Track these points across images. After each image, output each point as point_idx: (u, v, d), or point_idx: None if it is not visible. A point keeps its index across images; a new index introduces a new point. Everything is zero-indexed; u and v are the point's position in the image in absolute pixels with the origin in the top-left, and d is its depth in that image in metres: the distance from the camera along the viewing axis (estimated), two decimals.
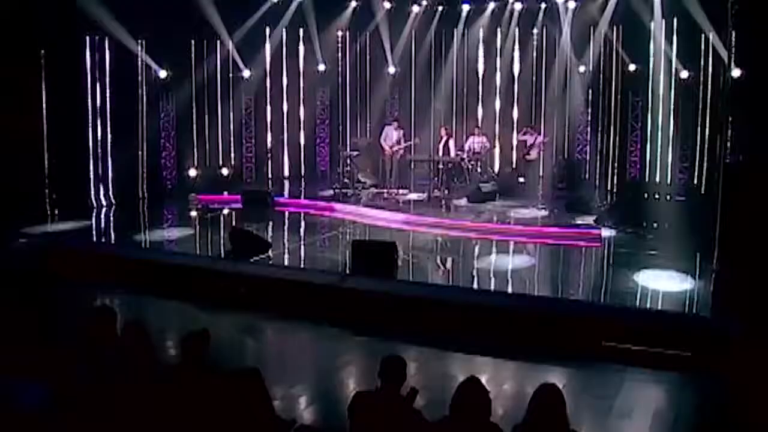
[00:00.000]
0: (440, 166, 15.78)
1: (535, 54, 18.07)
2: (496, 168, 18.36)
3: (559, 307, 9.07)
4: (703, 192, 13.81)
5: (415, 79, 19.30)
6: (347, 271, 10.34)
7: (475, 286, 10.30)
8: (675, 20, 14.39)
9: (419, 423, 4.38)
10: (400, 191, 16.26)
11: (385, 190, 16.36)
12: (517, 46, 18.20)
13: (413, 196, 16.12)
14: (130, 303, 9.95)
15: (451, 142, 16.52)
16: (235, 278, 10.25)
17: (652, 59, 15.25)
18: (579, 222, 13.52)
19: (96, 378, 5.11)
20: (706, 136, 13.91)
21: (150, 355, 5.20)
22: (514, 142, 18.32)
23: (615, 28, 16.09)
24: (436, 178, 16.04)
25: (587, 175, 17.24)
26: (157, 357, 5.33)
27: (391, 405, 4.45)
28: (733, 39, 9.91)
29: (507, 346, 8.32)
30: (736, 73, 10.85)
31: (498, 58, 18.40)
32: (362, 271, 9.97)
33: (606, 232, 12.80)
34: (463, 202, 15.35)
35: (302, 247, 12.70)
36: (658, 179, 15.33)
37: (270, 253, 11.36)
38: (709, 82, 13.76)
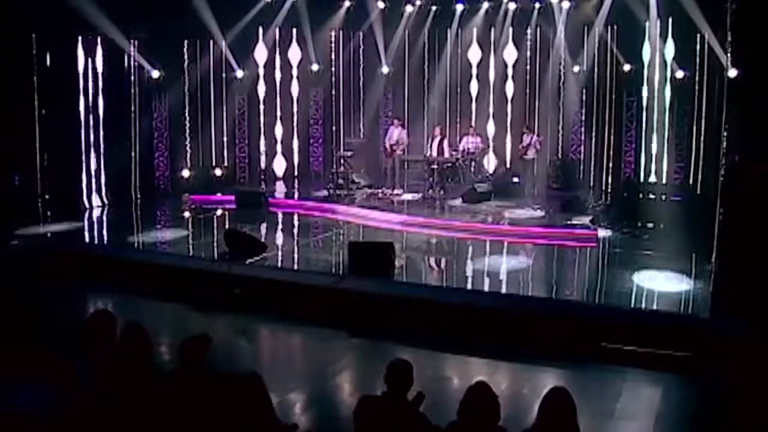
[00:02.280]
0: (435, 166, 15.72)
1: (529, 54, 18.06)
2: (491, 168, 18.34)
3: (557, 308, 9.03)
4: (699, 192, 13.79)
5: (408, 79, 19.28)
6: (344, 272, 10.26)
7: (472, 286, 10.25)
8: (670, 20, 14.38)
9: (426, 428, 4.31)
10: (395, 191, 16.21)
11: (380, 191, 16.31)
12: (511, 46, 18.18)
13: (408, 196, 16.07)
14: (124, 304, 9.82)
15: (446, 142, 16.47)
16: (231, 279, 10.16)
17: (647, 59, 15.24)
18: (575, 222, 13.48)
19: (95, 381, 5.03)
20: (702, 136, 13.90)
21: (150, 359, 5.12)
22: (508, 142, 18.31)
23: (610, 28, 16.08)
24: (430, 179, 15.98)
25: (581, 175, 17.22)
26: (156, 360, 5.24)
27: (397, 410, 4.38)
28: (731, 39, 9.88)
29: (505, 348, 8.28)
30: (732, 73, 10.85)
31: (492, 58, 18.38)
32: (359, 272, 9.89)
33: (602, 233, 12.77)
34: (458, 202, 15.29)
35: (297, 248, 12.60)
36: (653, 179, 15.32)
37: (265, 254, 11.27)
38: (705, 82, 13.75)
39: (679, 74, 14.44)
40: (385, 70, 18.86)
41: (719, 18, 11.67)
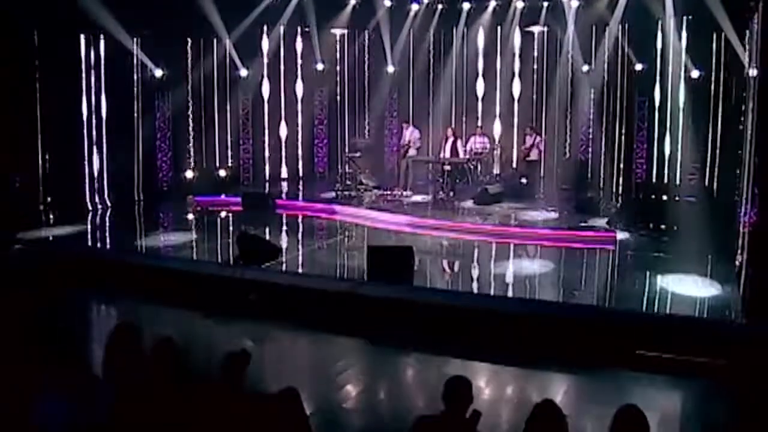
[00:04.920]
0: (447, 167, 15.44)
1: (536, 54, 17.77)
2: (497, 169, 18.02)
3: (587, 314, 8.74)
4: (715, 192, 13.58)
5: (414, 78, 18.98)
6: (362, 277, 9.94)
7: (494, 291, 9.97)
8: (685, 18, 14.15)
9: None
10: (404, 193, 15.90)
11: (389, 192, 16.00)
12: (518, 45, 17.91)
13: (417, 198, 15.77)
14: (132, 311, 9.51)
15: (459, 143, 16.19)
16: (245, 285, 9.84)
17: (659, 58, 15.01)
18: (592, 224, 13.20)
19: (119, 399, 4.74)
20: (718, 136, 13.68)
21: (184, 376, 4.82)
22: (515, 143, 18.03)
23: (621, 27, 15.82)
24: (440, 180, 15.72)
25: (591, 176, 16.93)
26: (190, 377, 4.93)
27: (455, 429, 4.09)
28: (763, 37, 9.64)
29: (534, 356, 8.00)
30: (753, 72, 10.64)
31: (499, 57, 18.11)
32: (378, 277, 9.57)
33: (620, 235, 12.49)
34: (470, 203, 14.99)
35: (310, 251, 12.25)
36: (666, 180, 15.09)
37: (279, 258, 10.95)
38: (721, 82, 13.54)
39: (695, 74, 14.21)
40: (390, 69, 18.56)
41: (741, 16, 11.48)
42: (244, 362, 4.68)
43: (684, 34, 14.33)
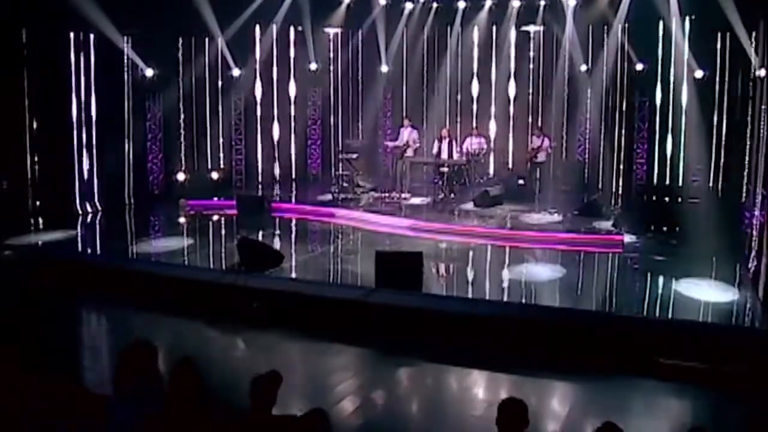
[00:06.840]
0: (444, 169, 15.14)
1: (532, 53, 17.53)
2: (492, 170, 17.76)
3: (607, 321, 8.48)
4: (720, 194, 13.39)
5: (408, 78, 18.70)
6: (365, 284, 9.61)
7: (500, 296, 9.70)
8: (689, 18, 13.96)
9: None
10: (403, 195, 15.58)
11: (386, 195, 15.67)
12: (515, 45, 17.67)
13: (416, 200, 15.46)
14: (129, 320, 9.15)
15: (454, 144, 15.89)
16: (248, 292, 9.48)
17: (661, 58, 14.81)
18: (597, 227, 12.96)
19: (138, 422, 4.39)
20: (723, 137, 13.50)
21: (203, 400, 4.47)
22: (511, 143, 17.77)
23: (621, 26, 15.61)
24: (440, 182, 15.42)
25: (590, 177, 16.74)
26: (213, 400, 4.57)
27: None
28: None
29: (553, 366, 7.72)
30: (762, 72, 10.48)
31: (495, 57, 17.86)
32: (387, 284, 9.24)
33: (626, 237, 12.25)
34: (470, 206, 14.69)
35: (312, 257, 11.85)
36: (667, 181, 14.90)
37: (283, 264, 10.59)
38: (726, 82, 13.36)
39: (699, 74, 14.02)
40: (384, 69, 18.26)
41: (748, 15, 11.31)
42: (275, 385, 4.34)
43: (687, 33, 14.12)
